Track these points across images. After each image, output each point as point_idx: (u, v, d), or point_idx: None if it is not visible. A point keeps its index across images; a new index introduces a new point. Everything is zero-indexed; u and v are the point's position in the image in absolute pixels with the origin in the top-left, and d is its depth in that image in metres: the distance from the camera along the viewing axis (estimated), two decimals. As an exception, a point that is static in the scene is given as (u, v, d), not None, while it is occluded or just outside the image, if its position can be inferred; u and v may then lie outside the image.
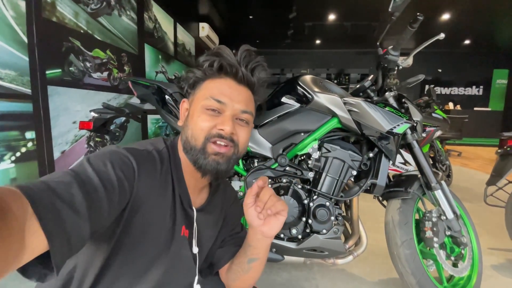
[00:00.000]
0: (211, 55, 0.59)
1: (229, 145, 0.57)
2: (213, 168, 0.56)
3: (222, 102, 0.56)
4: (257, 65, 0.60)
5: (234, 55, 0.59)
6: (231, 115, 0.57)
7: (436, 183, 1.09)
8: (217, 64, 0.57)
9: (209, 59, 0.58)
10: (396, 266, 1.10)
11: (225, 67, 0.58)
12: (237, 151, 0.59)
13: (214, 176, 0.58)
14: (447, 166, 3.08)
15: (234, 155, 0.58)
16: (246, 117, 0.59)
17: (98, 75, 2.29)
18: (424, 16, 0.97)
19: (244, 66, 0.59)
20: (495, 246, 1.76)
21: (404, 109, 1.15)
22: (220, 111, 0.57)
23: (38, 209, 0.32)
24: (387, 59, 1.10)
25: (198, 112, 0.57)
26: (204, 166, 0.56)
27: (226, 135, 0.56)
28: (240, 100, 0.58)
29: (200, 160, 0.56)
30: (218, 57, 0.58)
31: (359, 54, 8.11)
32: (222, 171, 0.57)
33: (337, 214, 1.04)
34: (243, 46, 0.59)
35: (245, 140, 0.61)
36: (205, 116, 0.56)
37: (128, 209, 0.50)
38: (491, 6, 5.00)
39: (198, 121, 0.56)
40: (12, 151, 1.58)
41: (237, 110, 0.57)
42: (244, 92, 0.60)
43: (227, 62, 0.58)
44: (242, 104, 0.58)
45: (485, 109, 7.69)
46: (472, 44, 7.37)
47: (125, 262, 0.53)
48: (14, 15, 1.50)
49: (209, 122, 0.56)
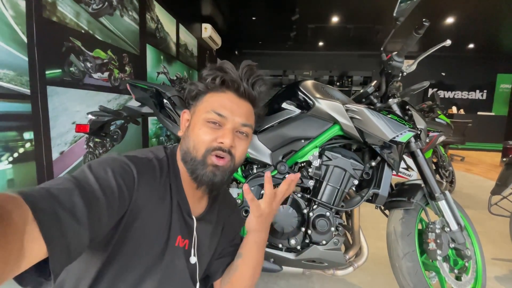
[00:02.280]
0: (214, 70, 0.60)
1: (227, 158, 0.57)
2: (209, 180, 0.57)
3: (223, 116, 0.57)
4: (258, 80, 0.62)
5: (236, 69, 0.60)
6: (232, 128, 0.58)
7: (440, 193, 1.06)
8: (219, 79, 0.59)
9: (212, 74, 0.60)
10: (397, 279, 1.07)
11: (227, 82, 0.60)
12: (233, 164, 0.60)
13: (209, 187, 0.59)
14: (450, 171, 3.04)
15: (230, 168, 0.59)
16: (246, 130, 0.61)
17: (99, 75, 2.27)
18: (429, 22, 0.94)
19: (246, 80, 0.60)
20: (499, 256, 1.72)
21: (408, 117, 1.12)
22: (221, 124, 0.58)
23: (39, 216, 0.33)
24: (391, 65, 1.07)
25: (199, 124, 0.58)
26: (200, 177, 0.57)
27: (226, 148, 0.57)
28: (240, 113, 0.59)
29: (198, 171, 0.57)
30: (221, 72, 0.60)
31: (362, 56, 8.06)
32: (218, 182, 0.58)
33: (337, 224, 1.01)
34: (245, 62, 0.61)
35: (243, 153, 0.62)
36: (206, 129, 0.57)
37: (126, 217, 0.50)
38: (495, 11, 4.95)
39: (199, 134, 0.57)
40: (9, 151, 1.56)
41: (237, 123, 0.59)
42: (245, 106, 0.61)
43: (229, 77, 0.59)
44: (243, 118, 0.59)
45: (489, 113, 7.62)
46: (476, 48, 7.30)
47: (119, 272, 0.52)
48: (13, 15, 1.49)
49: (210, 135, 0.57)
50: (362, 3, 4.77)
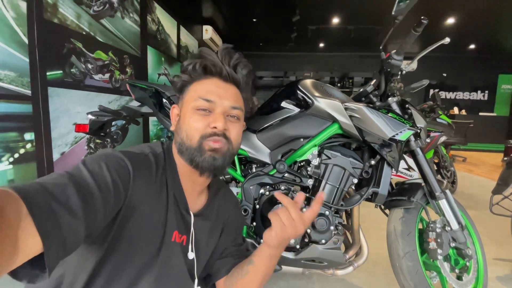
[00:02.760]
0: (194, 58, 0.60)
1: (223, 141, 0.57)
2: (210, 165, 0.56)
3: (211, 101, 0.57)
4: (238, 62, 0.61)
5: (216, 55, 0.60)
6: (222, 112, 0.57)
7: (440, 192, 1.05)
8: (200, 65, 0.59)
9: (192, 62, 0.59)
10: (398, 278, 1.06)
11: (209, 67, 0.59)
12: (231, 147, 0.59)
13: (211, 172, 0.58)
14: (452, 172, 3.02)
15: (228, 151, 0.58)
16: (236, 113, 0.60)
17: (100, 76, 2.29)
18: (428, 20, 0.94)
19: (227, 64, 0.60)
20: (500, 256, 1.71)
21: (408, 115, 1.12)
22: (210, 109, 0.57)
23: (33, 210, 0.32)
24: (390, 63, 1.07)
25: (189, 113, 0.57)
26: (201, 163, 0.56)
27: (220, 132, 0.56)
28: (228, 96, 0.59)
29: (196, 158, 0.56)
30: (201, 58, 0.59)
31: (363, 57, 8.06)
32: (219, 166, 0.57)
33: (337, 223, 1.01)
34: (222, 45, 0.61)
35: (237, 136, 0.61)
36: (197, 116, 0.56)
37: (122, 212, 0.49)
38: (496, 11, 4.94)
39: (191, 122, 0.56)
40: (10, 152, 1.57)
41: (227, 106, 0.58)
42: (231, 89, 0.61)
43: (210, 62, 0.59)
44: (231, 101, 0.59)
45: (491, 114, 7.59)
46: (477, 48, 7.29)
47: (116, 268, 0.52)
48: (14, 16, 1.50)
49: (201, 121, 0.56)
50: (363, 4, 4.78)
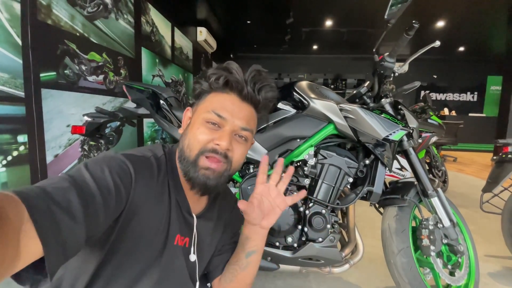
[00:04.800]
0: (219, 69, 0.59)
1: (222, 161, 0.56)
2: (202, 183, 0.56)
3: (223, 117, 0.56)
4: (265, 85, 0.60)
5: (243, 72, 0.59)
6: (230, 130, 0.57)
7: (432, 190, 1.09)
8: (223, 79, 0.58)
9: (217, 73, 0.58)
10: (392, 275, 1.09)
11: (231, 83, 0.58)
12: (230, 168, 0.58)
13: (202, 190, 0.57)
14: (443, 172, 3.09)
15: (226, 171, 0.58)
16: (245, 134, 0.59)
17: (94, 78, 2.27)
18: (419, 23, 0.97)
19: (252, 84, 0.59)
20: (492, 253, 1.76)
21: (400, 116, 1.15)
22: (220, 125, 0.57)
23: (34, 215, 0.32)
24: (383, 66, 1.10)
25: (198, 123, 0.57)
26: (193, 179, 0.56)
27: (221, 151, 0.55)
28: (241, 117, 0.58)
29: (190, 173, 0.56)
30: (226, 72, 0.58)
31: (356, 59, 8.17)
32: (211, 186, 0.57)
33: (333, 221, 1.03)
34: (254, 66, 0.60)
35: (240, 158, 0.60)
36: (204, 129, 0.56)
37: (124, 215, 0.49)
38: (485, 14, 5.08)
39: (196, 133, 0.56)
40: (3, 154, 1.54)
41: (236, 126, 0.57)
42: (247, 109, 0.60)
43: (233, 78, 0.58)
44: (243, 121, 0.58)
45: (480, 115, 7.77)
46: (466, 51, 7.47)
47: (117, 270, 0.52)
48: (8, 17, 1.48)
49: (207, 135, 0.56)
50: (356, 7, 4.86)
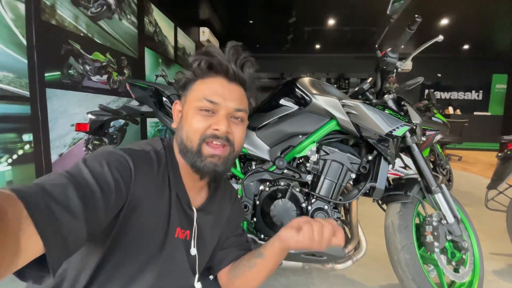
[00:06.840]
0: (200, 55, 0.58)
1: (225, 145, 0.57)
2: (211, 170, 0.56)
3: (215, 103, 0.56)
4: (246, 61, 0.60)
5: (223, 52, 0.58)
6: (226, 114, 0.57)
7: (436, 186, 1.08)
8: (205, 63, 0.57)
9: (198, 59, 0.57)
10: (396, 271, 1.08)
11: (215, 65, 0.57)
12: (233, 150, 0.59)
13: (212, 177, 0.59)
14: (448, 170, 3.06)
15: (230, 154, 0.58)
16: (240, 115, 0.59)
17: (98, 78, 2.29)
18: (422, 20, 0.97)
19: (234, 62, 0.58)
20: (496, 251, 1.74)
21: (403, 112, 1.14)
22: (214, 111, 0.56)
23: (33, 212, 0.32)
24: (386, 61, 1.09)
25: (191, 113, 0.57)
26: (202, 169, 0.56)
27: (221, 135, 0.55)
28: (233, 98, 0.58)
29: (197, 163, 0.56)
30: (206, 56, 0.57)
31: (359, 58, 8.13)
32: (220, 172, 0.58)
33: (335, 218, 1.03)
34: (230, 43, 0.59)
35: (241, 138, 0.60)
36: (199, 117, 0.56)
37: (124, 210, 0.49)
38: (490, 11, 5.03)
39: (192, 123, 0.56)
40: (9, 153, 1.57)
41: (231, 108, 0.57)
42: (237, 90, 0.59)
43: (216, 60, 0.57)
44: (236, 102, 0.58)
45: (485, 113, 7.68)
46: (471, 49, 7.39)
47: (119, 264, 0.52)
48: (13, 18, 1.51)
49: (203, 122, 0.55)
50: (358, 6, 4.84)
